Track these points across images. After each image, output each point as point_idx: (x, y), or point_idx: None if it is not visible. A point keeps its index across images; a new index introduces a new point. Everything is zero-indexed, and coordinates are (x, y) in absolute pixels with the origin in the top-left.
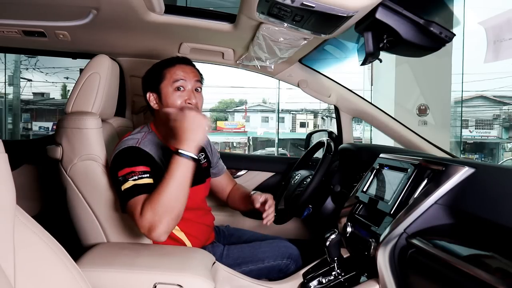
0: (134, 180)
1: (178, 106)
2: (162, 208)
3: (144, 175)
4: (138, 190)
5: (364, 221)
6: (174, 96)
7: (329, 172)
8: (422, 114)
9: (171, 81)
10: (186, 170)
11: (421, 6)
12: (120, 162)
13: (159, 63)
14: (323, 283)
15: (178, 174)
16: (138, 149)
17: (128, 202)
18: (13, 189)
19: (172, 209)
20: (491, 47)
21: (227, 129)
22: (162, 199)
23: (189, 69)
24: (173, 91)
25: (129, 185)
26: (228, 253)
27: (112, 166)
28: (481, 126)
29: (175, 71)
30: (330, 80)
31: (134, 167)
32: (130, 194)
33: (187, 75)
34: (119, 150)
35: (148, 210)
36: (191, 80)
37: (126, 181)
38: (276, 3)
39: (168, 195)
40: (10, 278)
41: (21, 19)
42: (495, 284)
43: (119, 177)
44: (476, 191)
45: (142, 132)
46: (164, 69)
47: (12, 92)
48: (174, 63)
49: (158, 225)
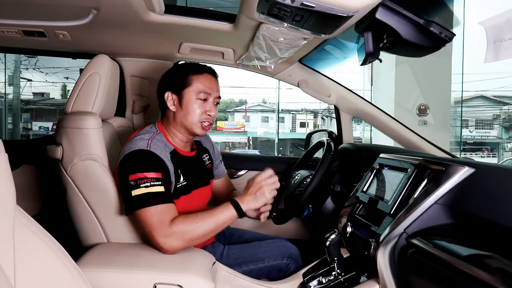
0: (146, 187)
1: (197, 115)
2: (191, 234)
3: (156, 182)
4: (150, 200)
5: (364, 221)
6: (196, 104)
7: (329, 172)
8: (422, 114)
9: (197, 91)
10: (228, 218)
11: (421, 6)
12: (132, 165)
13: (185, 66)
14: (323, 283)
15: (221, 217)
16: (150, 153)
17: (139, 210)
18: (13, 189)
19: (197, 239)
20: (491, 47)
21: (227, 129)
22: (196, 227)
23: (215, 81)
24: (196, 99)
25: (141, 192)
26: (228, 253)
27: (122, 167)
28: (481, 126)
29: (202, 81)
30: (330, 80)
31: (147, 173)
32: (142, 202)
33: (213, 87)
34: (130, 152)
35: (181, 225)
36: (214, 93)
37: (138, 187)
38: (276, 3)
39: (203, 227)
40: (10, 278)
41: (21, 19)
42: (495, 284)
43: (130, 181)
44: (476, 191)
45: (150, 132)
46: (192, 75)
47: (12, 92)
48: (202, 71)
49: (179, 241)
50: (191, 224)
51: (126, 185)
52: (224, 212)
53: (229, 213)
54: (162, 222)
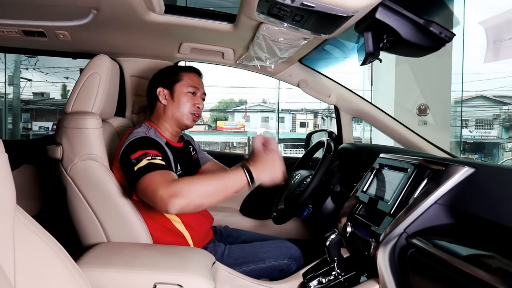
0: (148, 160)
1: (188, 107)
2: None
3: (157, 157)
4: (154, 167)
5: (364, 221)
6: (187, 97)
7: (329, 172)
8: (422, 114)
9: (187, 85)
10: (238, 184)
11: (421, 6)
12: (133, 147)
13: (177, 66)
14: (323, 283)
15: (230, 181)
16: (149, 138)
17: (143, 177)
18: (13, 189)
19: (202, 199)
20: (491, 47)
21: (227, 129)
22: (202, 184)
23: (200, 80)
24: (186, 92)
25: (143, 164)
26: (229, 253)
27: (124, 153)
28: (481, 126)
29: (191, 77)
30: (330, 80)
31: (148, 150)
32: (145, 170)
33: (200, 83)
34: (130, 140)
35: (185, 183)
36: (201, 89)
37: (140, 161)
38: (276, 3)
39: (209, 186)
40: (10, 277)
41: (21, 19)
42: (495, 284)
43: (132, 160)
44: (476, 191)
45: (142, 128)
46: (182, 72)
47: (12, 92)
48: (191, 70)
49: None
50: (198, 181)
51: (128, 165)
52: (234, 176)
53: (239, 178)
54: (166, 180)
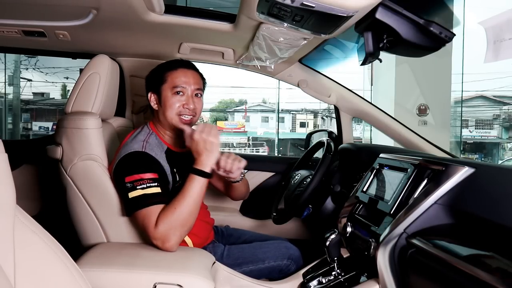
0: (143, 188)
1: (174, 109)
2: (177, 222)
3: (153, 183)
4: (147, 201)
5: (364, 221)
6: (173, 99)
7: (329, 172)
8: (422, 114)
9: (172, 86)
10: (200, 188)
11: (421, 6)
12: (128, 167)
13: (162, 65)
14: (323, 283)
15: (193, 191)
16: (145, 155)
17: (138, 211)
18: (13, 189)
19: (186, 222)
20: (491, 47)
21: (227, 129)
22: (177, 213)
23: (191, 73)
24: (172, 95)
25: (137, 194)
26: (229, 253)
27: (118, 170)
28: (481, 126)
29: (177, 75)
30: (330, 80)
31: (143, 174)
32: (140, 203)
33: (188, 80)
34: (126, 154)
35: (163, 223)
36: (191, 85)
37: (135, 189)
38: (276, 3)
39: (183, 210)
40: (10, 277)
41: (21, 19)
42: (495, 284)
43: (126, 182)
44: (476, 191)
45: (143, 133)
46: (166, 72)
47: (12, 92)
48: (176, 66)
49: (171, 237)
50: (171, 215)
51: (122, 187)
52: (192, 185)
53: (197, 182)
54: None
